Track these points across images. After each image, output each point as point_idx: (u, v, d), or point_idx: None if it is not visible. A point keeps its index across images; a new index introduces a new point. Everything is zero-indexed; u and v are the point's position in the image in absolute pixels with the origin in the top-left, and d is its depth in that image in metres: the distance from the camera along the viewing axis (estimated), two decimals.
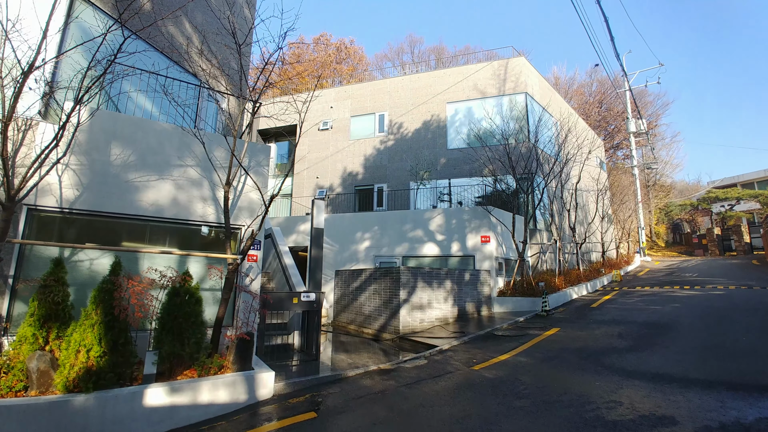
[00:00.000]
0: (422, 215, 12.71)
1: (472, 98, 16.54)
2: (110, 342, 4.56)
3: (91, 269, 5.36)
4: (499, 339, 7.89)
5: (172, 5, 7.14)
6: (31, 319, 4.52)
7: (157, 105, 6.92)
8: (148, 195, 5.58)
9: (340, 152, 18.12)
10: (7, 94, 4.15)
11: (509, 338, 7.83)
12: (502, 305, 11.31)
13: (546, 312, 9.92)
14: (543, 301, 10.03)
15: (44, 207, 5.02)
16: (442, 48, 41.10)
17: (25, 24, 4.72)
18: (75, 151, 5.10)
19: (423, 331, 9.12)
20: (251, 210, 6.17)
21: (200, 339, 5.07)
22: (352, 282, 11.03)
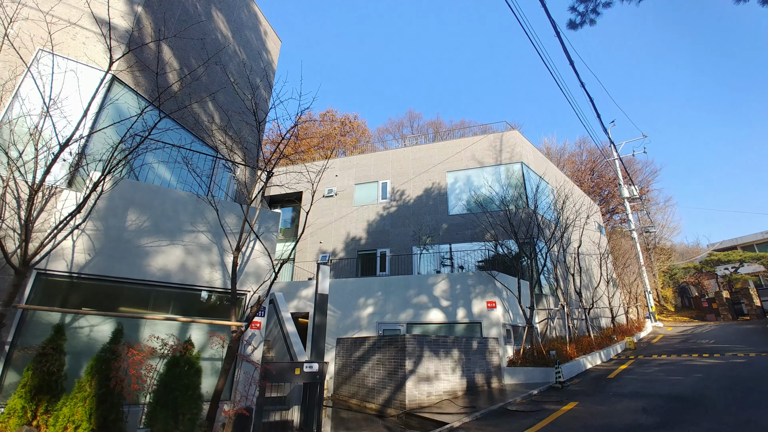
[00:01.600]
0: (426, 280, 12.58)
1: (471, 167, 17.39)
2: (100, 418, 4.27)
3: (91, 336, 5.22)
4: (513, 415, 7.33)
5: (198, 88, 7.92)
6: (22, 390, 4.29)
7: (175, 174, 7.31)
8: (157, 260, 5.64)
9: (344, 218, 18.51)
10: (38, 164, 4.45)
11: (525, 414, 7.27)
12: (513, 376, 10.66)
13: (560, 384, 9.33)
14: (556, 372, 9.48)
15: (54, 271, 5.05)
16: (439, 122, 44.18)
17: (64, 100, 5.22)
18: (92, 216, 5.28)
19: (431, 406, 8.49)
20: (258, 276, 6.17)
21: (196, 415, 4.74)
22: (355, 351, 10.53)
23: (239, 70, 9.84)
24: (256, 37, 11.21)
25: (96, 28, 6.19)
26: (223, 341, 5.54)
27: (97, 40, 6.20)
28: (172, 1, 7.94)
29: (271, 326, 9.62)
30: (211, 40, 8.91)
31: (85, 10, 6.02)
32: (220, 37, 9.38)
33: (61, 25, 5.69)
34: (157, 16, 7.40)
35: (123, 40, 6.48)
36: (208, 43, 8.65)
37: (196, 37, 8.06)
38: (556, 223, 14.49)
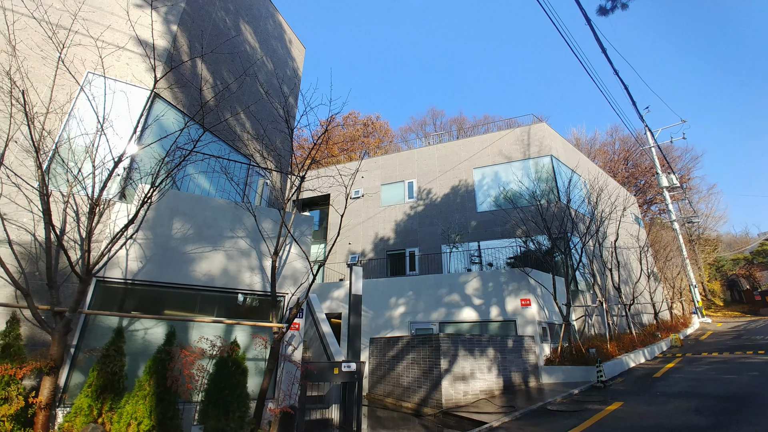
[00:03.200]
0: (457, 279, 12.49)
1: (498, 163, 17.08)
2: (160, 415, 4.56)
3: (145, 338, 5.56)
4: (554, 415, 7.16)
5: (231, 99, 8.26)
6: (88, 389, 4.64)
7: (213, 183, 7.66)
8: (201, 265, 5.94)
9: (372, 219, 18.66)
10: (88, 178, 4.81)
11: (566, 414, 7.09)
12: (551, 375, 10.40)
13: (602, 383, 9.01)
14: (598, 371, 9.17)
15: (111, 279, 5.43)
16: (462, 119, 43.63)
17: (114, 119, 5.59)
18: (142, 226, 5.63)
19: (467, 405, 8.44)
20: (295, 278, 6.37)
21: (244, 413, 4.96)
22: (388, 351, 10.62)
23: (268, 80, 10.16)
24: (281, 46, 11.53)
25: (139, 49, 6.60)
26: (265, 342, 5.75)
27: (140, 61, 6.60)
28: (203, 18, 8.31)
29: (307, 327, 9.87)
30: (241, 53, 9.25)
31: (130, 33, 6.43)
32: (248, 49, 9.72)
33: (110, 49, 6.12)
34: (191, 34, 7.78)
35: (162, 58, 6.86)
36: (238, 56, 8.99)
37: (228, 51, 8.40)
38: (591, 217, 13.99)
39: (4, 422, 4.11)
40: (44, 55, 5.60)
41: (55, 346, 4.38)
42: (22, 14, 5.49)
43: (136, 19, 6.36)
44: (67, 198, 4.79)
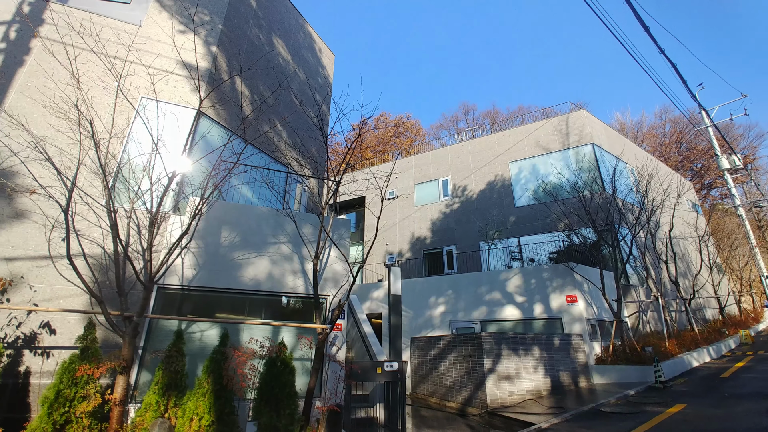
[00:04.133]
0: (497, 276, 12.22)
1: (536, 155, 16.50)
2: (218, 411, 4.89)
3: (201, 340, 5.98)
4: (608, 417, 6.83)
5: (268, 111, 8.66)
6: (155, 387, 5.07)
7: (255, 192, 8.07)
8: (248, 270, 6.29)
9: (407, 218, 18.70)
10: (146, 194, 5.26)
11: (621, 416, 6.74)
12: (602, 375, 9.90)
13: (662, 383, 8.45)
14: (656, 370, 8.61)
15: (170, 285, 5.89)
16: (495, 112, 42.47)
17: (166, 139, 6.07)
18: (194, 236, 6.06)
19: (514, 406, 8.24)
20: (335, 280, 6.56)
21: (294, 410, 5.19)
22: (430, 350, 10.61)
23: (301, 89, 10.53)
24: (312, 56, 11.88)
25: (184, 72, 7.12)
26: (310, 343, 5.99)
27: (186, 83, 7.12)
28: (239, 37, 8.78)
29: (348, 327, 10.10)
30: (275, 66, 9.66)
31: (176, 58, 6.96)
32: (281, 62, 10.12)
33: (160, 74, 6.67)
34: (229, 53, 8.25)
35: (205, 78, 7.34)
36: (272, 69, 9.40)
37: (262, 66, 8.81)
38: (641, 207, 13.13)
39: (82, 418, 4.57)
40: (104, 85, 6.20)
41: (126, 348, 4.84)
42: (83, 49, 6.11)
43: (181, 44, 6.86)
44: (130, 213, 5.27)
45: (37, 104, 5.94)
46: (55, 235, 5.42)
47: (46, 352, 5.29)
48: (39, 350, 5.26)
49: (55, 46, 6.14)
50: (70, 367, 4.63)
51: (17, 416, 4.86)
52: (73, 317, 5.45)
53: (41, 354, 5.26)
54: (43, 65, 6.31)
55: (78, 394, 4.56)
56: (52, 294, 5.45)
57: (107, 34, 6.72)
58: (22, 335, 5.21)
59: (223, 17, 8.30)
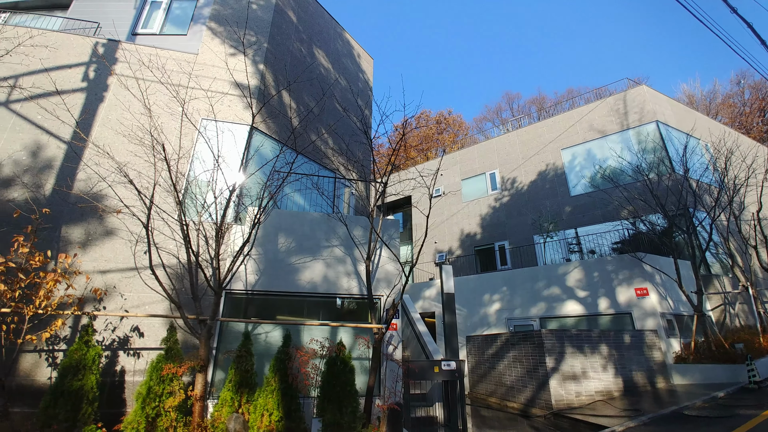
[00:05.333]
0: (555, 271, 11.62)
1: (590, 139, 15.44)
2: (286, 408, 5.19)
3: (266, 341, 6.37)
4: (693, 421, 6.21)
5: (314, 120, 9.02)
6: (229, 384, 5.50)
7: (306, 199, 8.44)
8: (305, 274, 6.59)
9: (455, 215, 18.41)
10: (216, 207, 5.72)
11: (709, 420, 6.09)
12: (684, 375, 9.02)
13: (757, 384, 7.52)
14: (749, 369, 7.68)
15: (236, 290, 6.36)
16: (542, 98, 40.35)
17: (225, 155, 6.55)
18: (255, 244, 6.47)
19: (582, 407, 7.79)
20: (388, 280, 6.66)
21: (356, 408, 5.35)
22: (487, 349, 10.36)
23: (343, 95, 10.82)
24: (351, 62, 12.15)
25: (236, 91, 7.65)
26: (367, 342, 6.13)
27: (239, 101, 7.65)
28: (283, 53, 9.23)
29: (403, 326, 10.17)
30: (317, 76, 10.02)
31: (229, 80, 7.52)
32: (323, 71, 10.48)
33: (217, 96, 7.25)
34: (275, 68, 8.71)
35: (254, 95, 7.82)
36: (316, 79, 9.76)
37: (306, 77, 9.19)
38: (720, 187, 11.76)
39: (170, 412, 5.08)
40: (171, 111, 6.86)
41: (202, 348, 5.30)
42: (152, 81, 6.80)
43: (232, 66, 7.38)
44: (198, 225, 5.77)
45: (117, 134, 6.72)
46: (138, 249, 6.09)
47: (137, 353, 5.95)
48: (131, 351, 5.93)
49: (129, 81, 6.91)
50: (158, 366, 5.17)
51: (114, 411, 5.52)
52: (157, 321, 6.08)
53: (133, 355, 5.93)
54: (119, 99, 7.12)
55: (165, 390, 5.08)
56: (139, 301, 6.12)
57: (171, 65, 7.42)
58: (117, 338, 5.92)
59: (267, 36, 8.78)
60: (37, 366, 5.58)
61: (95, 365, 5.11)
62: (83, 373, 4.97)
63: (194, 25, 8.75)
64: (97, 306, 5.97)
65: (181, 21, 8.93)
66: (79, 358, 5.01)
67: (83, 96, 7.21)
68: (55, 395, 4.79)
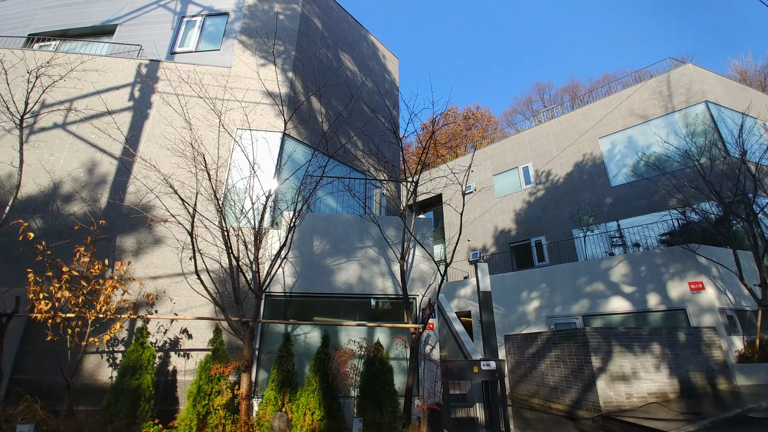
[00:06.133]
0: (598, 265, 11.07)
1: (630, 125, 14.58)
2: (327, 407, 5.29)
3: (305, 342, 6.52)
4: (761, 425, 5.70)
5: (343, 123, 9.15)
6: (272, 384, 5.68)
7: (339, 201, 8.58)
8: (340, 275, 6.69)
9: (488, 212, 18.02)
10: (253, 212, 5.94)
11: None
12: (749, 375, 8.30)
13: None
14: None
15: (275, 293, 6.56)
16: (575, 85, 38.59)
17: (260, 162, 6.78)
18: (291, 247, 6.64)
19: (634, 410, 7.36)
20: (423, 280, 6.62)
21: (395, 408, 5.37)
22: (527, 348, 10.04)
23: (370, 97, 10.90)
24: (377, 63, 12.21)
25: (268, 100, 7.92)
26: (404, 342, 6.13)
27: (271, 109, 7.91)
28: (310, 59, 9.43)
29: (439, 326, 10.08)
30: (344, 80, 10.16)
31: (261, 89, 7.80)
32: (349, 75, 10.60)
33: (250, 106, 7.55)
34: (303, 75, 8.92)
35: (285, 103, 8.05)
36: (344, 82, 9.90)
37: (333, 82, 9.34)
38: None
39: (218, 410, 5.32)
40: (208, 123, 7.20)
41: (246, 349, 5.51)
42: (191, 96, 7.18)
43: (264, 76, 7.64)
44: (238, 231, 6.01)
45: (161, 148, 7.15)
46: (184, 255, 6.43)
47: (186, 354, 6.28)
48: (181, 352, 6.28)
49: (170, 97, 7.33)
50: (206, 366, 5.44)
51: (168, 408, 5.86)
52: (203, 323, 6.39)
53: (183, 355, 6.27)
54: (162, 114, 7.57)
55: (214, 389, 5.34)
56: (186, 304, 6.47)
57: (207, 79, 7.80)
58: (168, 340, 6.28)
59: (294, 44, 9.01)
60: (99, 366, 6.03)
61: (150, 365, 5.45)
62: (140, 372, 5.32)
63: (226, 39, 9.14)
64: (149, 310, 6.37)
65: (215, 37, 9.36)
66: (135, 358, 5.37)
67: (130, 114, 7.73)
68: (116, 393, 5.16)
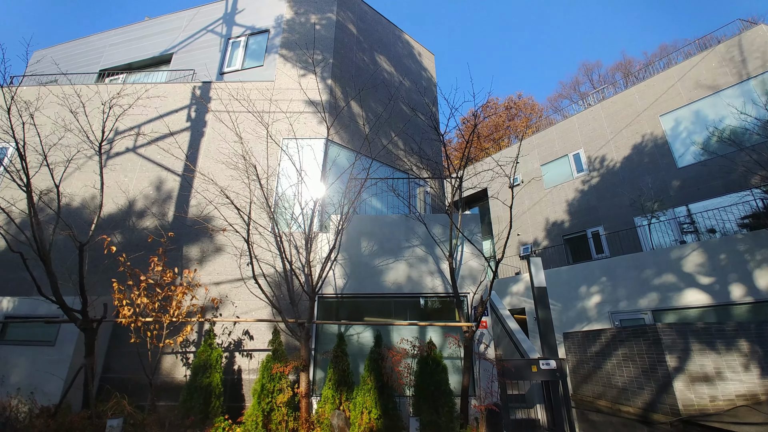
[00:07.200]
0: (667, 255, 10.13)
1: (697, 98, 13.18)
2: (383, 406, 5.35)
3: (358, 341, 6.64)
4: None
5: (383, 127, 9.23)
6: (329, 383, 5.86)
7: (383, 202, 8.65)
8: (389, 275, 6.74)
9: (537, 204, 17.21)
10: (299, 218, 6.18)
11: None
12: None
13: None
14: None
15: (326, 294, 6.76)
16: (627, 62, 35.63)
17: (306, 168, 7.03)
18: (339, 249, 6.81)
19: (720, 414, 6.62)
20: (473, 277, 6.48)
21: (452, 408, 5.30)
22: (589, 346, 9.41)
23: (408, 96, 10.88)
24: (413, 62, 12.16)
25: (310, 108, 8.21)
26: (457, 341, 6.03)
27: (313, 117, 8.20)
28: (348, 65, 9.62)
29: (492, 324, 9.80)
30: (382, 81, 10.24)
31: (303, 99, 8.13)
32: (386, 76, 10.66)
33: (294, 116, 7.89)
34: (342, 80, 9.12)
35: (326, 109, 8.29)
36: (382, 83, 9.99)
37: (371, 85, 9.45)
38: None
39: (281, 407, 5.58)
40: (257, 135, 7.62)
41: (303, 349, 5.74)
42: (240, 111, 7.64)
43: (305, 85, 7.93)
44: (289, 236, 6.28)
45: (217, 162, 7.68)
46: (242, 262, 6.85)
47: (249, 354, 6.67)
48: (244, 352, 6.68)
49: (222, 115, 7.85)
50: (267, 365, 5.73)
51: (235, 405, 6.25)
52: (263, 325, 6.76)
53: (246, 355, 6.67)
54: (216, 131, 8.13)
55: (276, 387, 5.61)
56: (246, 308, 6.87)
57: (254, 94, 8.26)
58: (232, 341, 6.71)
59: (332, 52, 9.24)
60: (174, 365, 6.60)
61: (218, 365, 5.86)
62: (210, 371, 5.74)
63: (268, 55, 9.60)
64: (214, 313, 6.85)
65: (257, 54, 9.87)
66: (205, 358, 5.80)
67: (188, 134, 8.39)
68: (190, 390, 5.61)
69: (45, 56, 12.51)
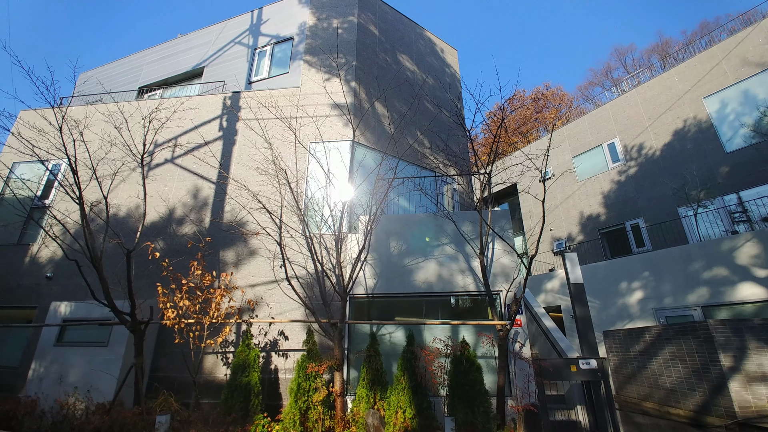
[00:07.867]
0: (717, 247, 9.47)
1: (744, 77, 12.23)
2: (417, 406, 5.34)
3: (390, 341, 6.66)
4: None
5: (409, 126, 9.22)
6: (363, 382, 5.91)
7: (410, 201, 8.64)
8: (419, 274, 6.71)
9: (570, 197, 16.59)
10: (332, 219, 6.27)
11: None
12: None
13: None
14: None
15: (358, 295, 6.83)
16: (664, 42, 33.59)
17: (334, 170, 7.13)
18: (369, 249, 6.86)
19: None
20: (505, 274, 6.34)
21: (488, 408, 5.20)
22: (632, 345, 8.96)
23: (432, 93, 10.80)
24: (436, 59, 12.06)
25: (336, 111, 8.34)
26: (491, 340, 5.92)
27: (338, 120, 8.33)
28: (370, 66, 9.68)
29: (526, 322, 9.54)
30: (405, 80, 10.23)
31: (328, 102, 8.27)
32: (409, 75, 10.64)
33: (321, 120, 8.06)
34: (366, 82, 9.19)
35: (351, 111, 8.38)
36: (406, 82, 9.99)
37: (394, 85, 9.46)
38: None
39: (317, 406, 5.69)
40: (285, 140, 7.83)
41: (336, 349, 5.83)
42: (269, 118, 7.88)
43: (330, 89, 8.06)
44: (319, 238, 6.40)
45: (249, 169, 7.96)
46: (275, 264, 7.05)
47: (284, 354, 6.86)
48: (280, 352, 6.87)
49: (251, 122, 8.12)
50: (303, 365, 5.87)
51: (273, 403, 6.44)
52: (297, 326, 6.92)
53: (282, 355, 6.86)
54: (247, 138, 8.42)
55: (311, 386, 5.74)
56: (281, 309, 7.07)
57: (281, 101, 8.50)
58: (268, 341, 6.92)
59: (354, 54, 9.33)
60: (215, 365, 6.89)
61: (256, 364, 6.07)
62: (248, 371, 5.95)
63: (293, 62, 9.84)
64: (251, 315, 7.09)
65: (283, 62, 10.14)
66: (244, 358, 6.02)
67: (221, 143, 8.75)
68: (230, 389, 5.84)
69: (91, 77, 13.44)
